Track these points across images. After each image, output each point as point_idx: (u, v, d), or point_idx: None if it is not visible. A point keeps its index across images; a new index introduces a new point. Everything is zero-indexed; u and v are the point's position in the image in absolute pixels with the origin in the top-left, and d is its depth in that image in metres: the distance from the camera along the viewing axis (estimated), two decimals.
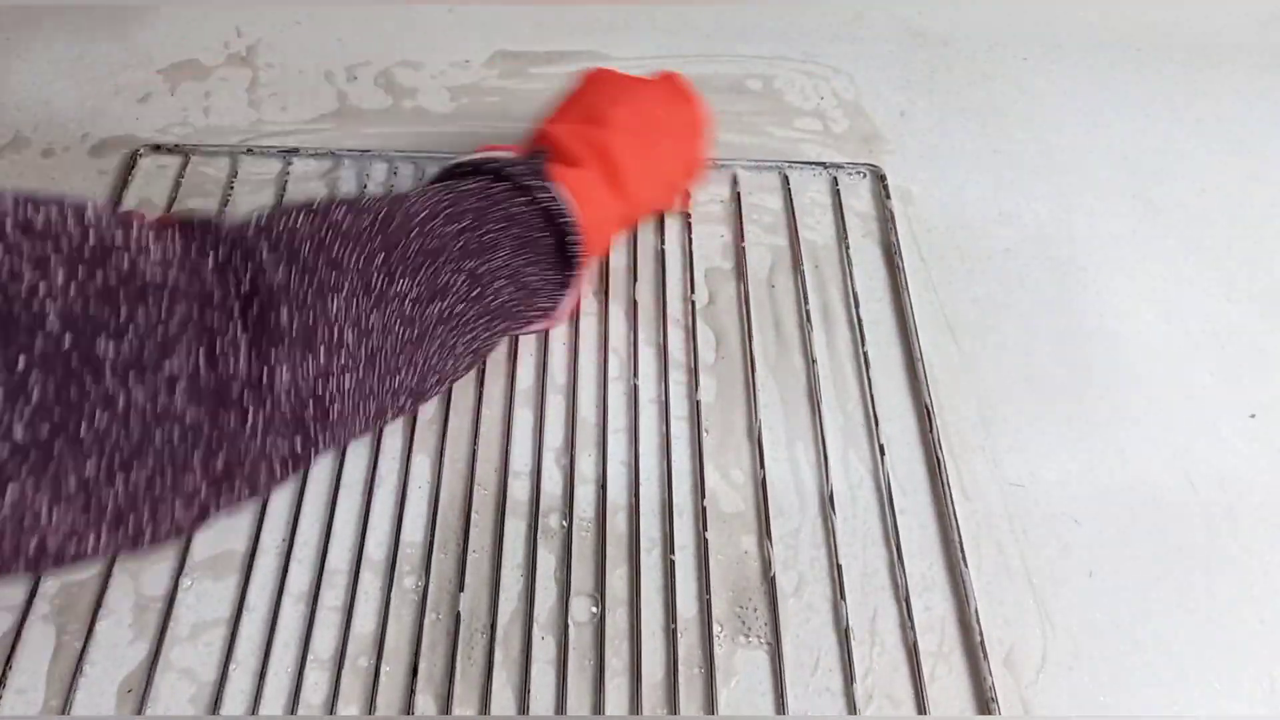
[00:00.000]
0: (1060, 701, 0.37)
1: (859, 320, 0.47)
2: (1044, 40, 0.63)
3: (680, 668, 0.37)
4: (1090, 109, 0.59)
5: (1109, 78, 0.61)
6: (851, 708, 0.37)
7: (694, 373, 0.45)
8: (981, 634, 0.38)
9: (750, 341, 0.46)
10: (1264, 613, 0.40)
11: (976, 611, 0.39)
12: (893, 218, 0.51)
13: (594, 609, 0.38)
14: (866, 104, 0.58)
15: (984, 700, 0.37)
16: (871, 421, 0.44)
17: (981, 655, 0.38)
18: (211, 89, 0.56)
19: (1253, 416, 0.46)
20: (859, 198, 0.53)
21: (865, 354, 0.46)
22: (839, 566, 0.40)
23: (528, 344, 0.46)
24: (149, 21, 0.60)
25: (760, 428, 0.44)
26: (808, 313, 0.48)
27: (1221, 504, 0.43)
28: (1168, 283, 0.50)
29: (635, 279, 0.48)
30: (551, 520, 0.41)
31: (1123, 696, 0.37)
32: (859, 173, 0.54)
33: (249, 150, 0.52)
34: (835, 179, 0.53)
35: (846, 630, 0.38)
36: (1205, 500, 0.43)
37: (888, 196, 0.52)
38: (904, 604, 0.39)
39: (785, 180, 0.53)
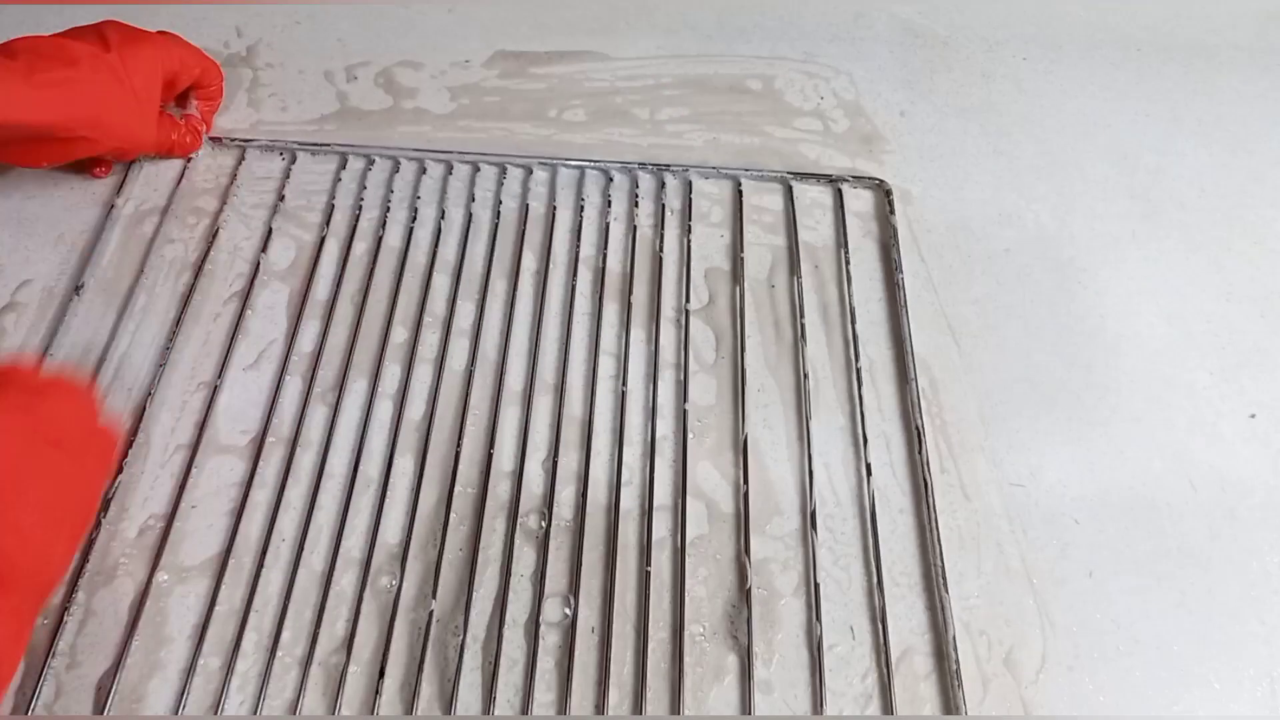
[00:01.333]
0: (1060, 701, 0.37)
1: (857, 321, 0.47)
2: (1044, 40, 0.63)
3: (666, 669, 0.37)
4: (1090, 109, 0.59)
5: (1109, 78, 0.61)
6: (851, 707, 0.36)
7: (685, 372, 0.45)
8: (985, 633, 0.38)
9: (749, 342, 0.46)
10: (1264, 613, 0.40)
11: (978, 611, 0.38)
12: (895, 232, 0.51)
13: (567, 610, 0.38)
14: (866, 104, 0.58)
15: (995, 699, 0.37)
16: (868, 422, 0.44)
17: (980, 654, 0.38)
18: None
19: (1253, 416, 0.46)
20: (859, 199, 0.53)
21: (864, 354, 0.46)
22: (833, 567, 0.40)
23: (519, 343, 0.46)
24: (149, 22, 0.60)
25: (759, 428, 0.44)
26: (804, 312, 0.48)
27: (1221, 504, 0.43)
28: (1168, 283, 0.50)
29: (632, 279, 0.48)
30: (531, 520, 0.40)
31: (1123, 697, 0.37)
32: (865, 187, 0.53)
33: (252, 143, 0.53)
34: (839, 191, 0.53)
35: (848, 630, 0.38)
36: (1205, 500, 0.43)
37: (891, 211, 0.52)
38: (904, 604, 0.39)
39: (789, 190, 0.53)
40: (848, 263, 0.50)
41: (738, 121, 0.56)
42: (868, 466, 0.43)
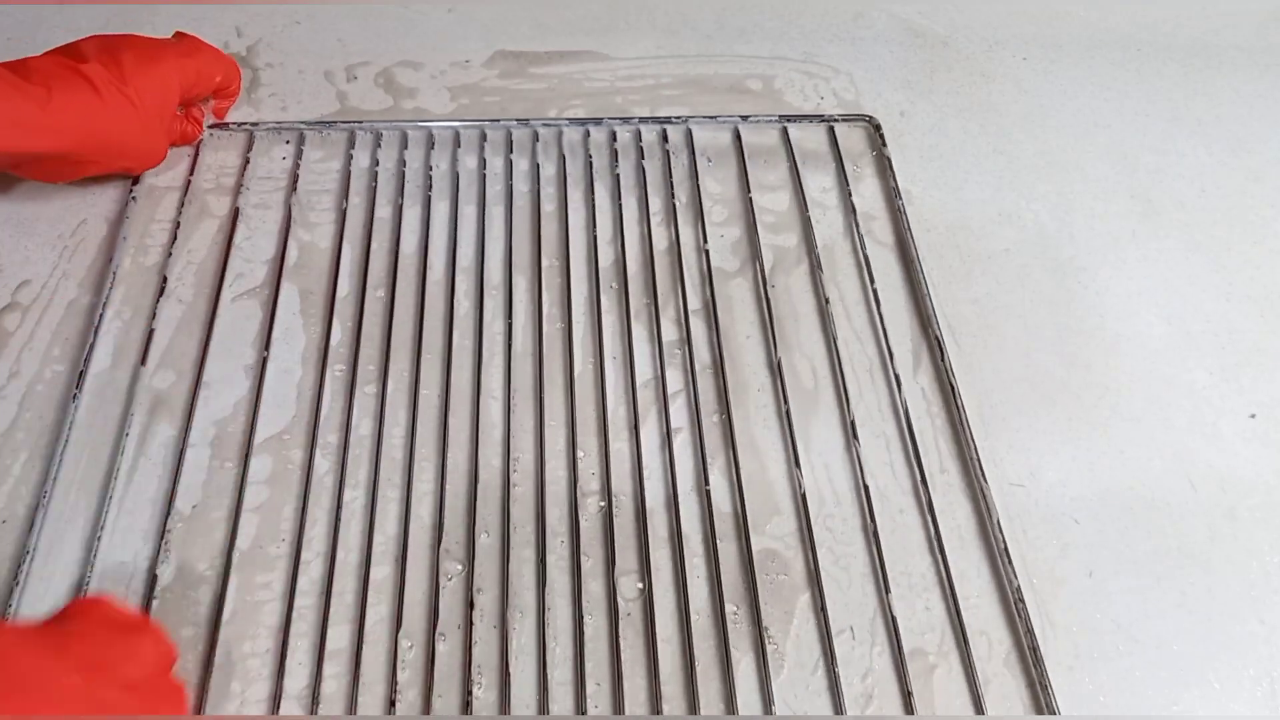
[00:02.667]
0: (1060, 701, 0.37)
1: (882, 308, 0.47)
2: (1044, 40, 0.63)
3: (676, 669, 0.37)
4: (1090, 109, 0.59)
5: (1109, 78, 0.61)
6: (851, 708, 0.37)
7: (691, 371, 0.45)
8: (986, 633, 0.38)
9: (748, 342, 0.46)
10: (1264, 613, 0.40)
11: (979, 611, 0.39)
12: (905, 213, 0.51)
13: (641, 586, 0.38)
14: (866, 104, 0.58)
15: (977, 700, 0.37)
16: (869, 422, 0.44)
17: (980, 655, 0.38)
18: None
19: (1253, 416, 0.46)
20: (863, 198, 0.53)
21: (865, 354, 0.46)
22: (839, 566, 0.40)
23: (528, 339, 0.46)
24: (149, 21, 0.60)
25: (757, 427, 0.44)
26: (828, 307, 0.48)
27: (1221, 504, 0.43)
28: (1168, 283, 0.50)
29: (655, 277, 0.48)
30: (559, 513, 0.41)
31: (1123, 697, 0.37)
32: (857, 125, 0.54)
33: (263, 126, 0.53)
34: (844, 176, 0.53)
35: (848, 630, 0.38)
36: (1205, 500, 0.43)
37: (898, 196, 0.52)
38: (904, 603, 0.39)
39: (795, 176, 0.53)
40: (862, 239, 0.50)
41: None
42: (878, 449, 0.43)
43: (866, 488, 0.42)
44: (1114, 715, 0.37)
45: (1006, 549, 0.40)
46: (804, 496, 0.42)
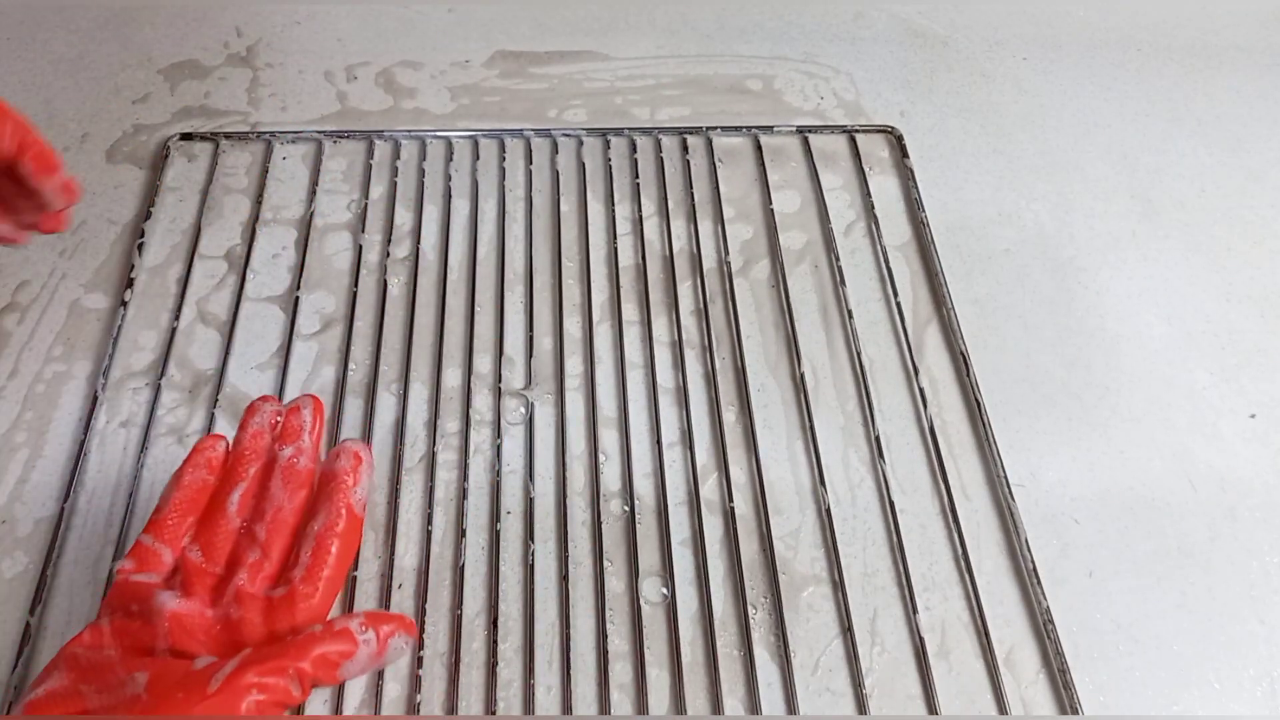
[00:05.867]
0: (1060, 701, 0.37)
1: (902, 304, 0.48)
2: (1044, 40, 0.63)
3: (684, 670, 0.37)
4: (1090, 109, 0.59)
5: (1109, 77, 0.61)
6: (852, 707, 0.37)
7: (712, 372, 0.45)
8: (987, 633, 0.38)
9: (749, 342, 0.46)
10: (1264, 613, 0.40)
11: (981, 611, 0.39)
12: (928, 224, 0.51)
13: (663, 591, 0.38)
14: (866, 104, 0.58)
15: (998, 699, 0.37)
16: (871, 421, 0.44)
17: (986, 653, 0.38)
18: (211, 89, 0.56)
19: (1253, 416, 0.46)
20: (879, 201, 0.53)
21: (866, 352, 0.46)
22: (839, 566, 0.40)
23: (544, 342, 0.46)
24: (149, 21, 0.60)
25: (760, 427, 0.44)
26: (849, 304, 0.48)
27: (1221, 504, 0.43)
28: (1168, 283, 0.50)
29: (646, 279, 0.48)
30: (582, 512, 0.41)
31: (1123, 697, 0.37)
32: (878, 132, 0.54)
33: (281, 136, 0.53)
34: (865, 178, 0.53)
35: (848, 630, 0.38)
36: (1205, 500, 0.43)
37: (921, 208, 0.52)
38: (905, 604, 0.39)
39: (816, 183, 0.53)
40: (885, 255, 0.50)
41: (738, 121, 0.56)
42: (881, 447, 0.43)
43: (888, 488, 0.42)
44: (1115, 715, 0.37)
45: (1028, 544, 0.40)
46: (818, 497, 0.42)
